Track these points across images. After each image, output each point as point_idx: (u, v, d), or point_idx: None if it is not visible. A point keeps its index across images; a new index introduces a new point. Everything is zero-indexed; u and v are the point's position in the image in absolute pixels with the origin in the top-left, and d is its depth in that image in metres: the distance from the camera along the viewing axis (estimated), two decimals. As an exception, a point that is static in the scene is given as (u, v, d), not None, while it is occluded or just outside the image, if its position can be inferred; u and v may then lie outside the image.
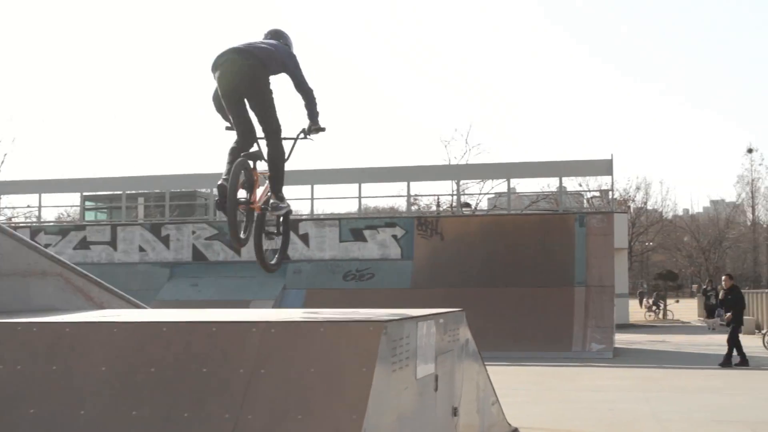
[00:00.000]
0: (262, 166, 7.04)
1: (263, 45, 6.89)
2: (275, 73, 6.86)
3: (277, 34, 7.16)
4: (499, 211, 37.92)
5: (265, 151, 6.92)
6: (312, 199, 28.09)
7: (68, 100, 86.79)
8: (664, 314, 43.46)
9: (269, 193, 7.13)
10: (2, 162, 46.47)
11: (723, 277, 20.33)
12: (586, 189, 53.42)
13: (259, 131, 6.88)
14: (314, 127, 7.01)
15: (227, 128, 7.03)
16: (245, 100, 6.74)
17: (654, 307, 43.70)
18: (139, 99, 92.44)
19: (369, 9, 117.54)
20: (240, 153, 6.77)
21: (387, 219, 27.44)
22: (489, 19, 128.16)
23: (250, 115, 6.82)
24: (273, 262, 7.34)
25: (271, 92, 6.83)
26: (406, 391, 5.74)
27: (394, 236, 25.42)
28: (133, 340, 5.57)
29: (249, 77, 6.66)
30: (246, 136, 6.84)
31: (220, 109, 6.97)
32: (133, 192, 34.19)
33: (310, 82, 6.96)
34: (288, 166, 7.14)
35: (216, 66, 6.69)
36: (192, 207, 36.10)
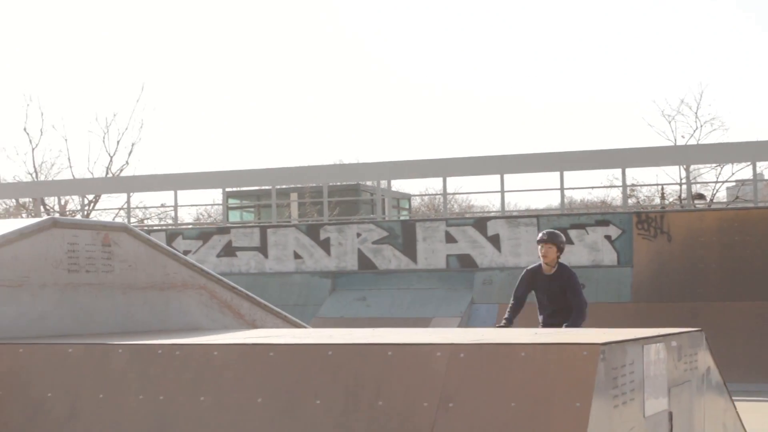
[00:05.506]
0: None
1: None
2: None
3: None
4: (743, 204, 36.76)
5: None
6: (502, 191, 27.98)
7: (206, 78, 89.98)
8: None
9: None
10: (130, 153, 48.67)
11: None
12: None
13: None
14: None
15: None
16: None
17: None
18: (288, 76, 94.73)
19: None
20: None
21: (598, 215, 26.93)
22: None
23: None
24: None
25: None
26: (631, 432, 5.64)
27: (608, 237, 24.99)
28: (294, 366, 5.70)
29: None
30: None
31: None
32: (285, 187, 34.94)
33: None
34: (472, 153, 7.41)
35: None
36: (356, 204, 36.65)
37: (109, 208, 43.93)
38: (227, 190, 32.89)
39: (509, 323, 11.67)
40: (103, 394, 5.92)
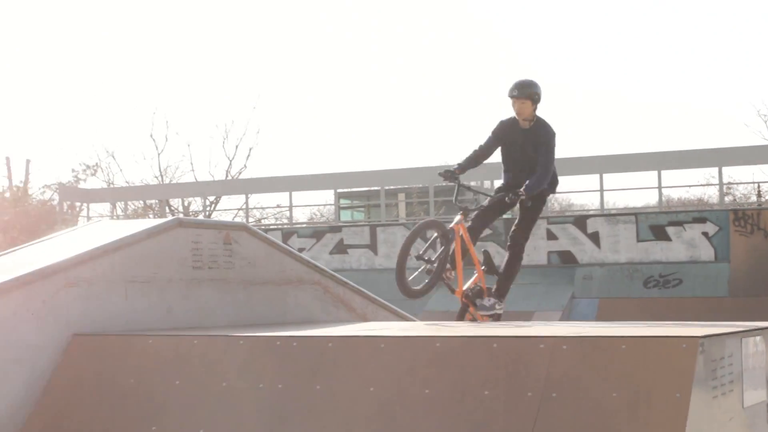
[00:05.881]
0: None
1: None
2: None
3: None
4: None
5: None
6: (602, 190, 27.68)
7: (318, 82, 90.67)
8: None
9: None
10: (248, 157, 49.25)
11: None
12: None
13: None
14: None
15: None
16: None
17: None
18: (396, 80, 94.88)
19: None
20: None
21: (695, 213, 26.49)
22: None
23: None
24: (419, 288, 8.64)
25: None
26: (731, 422, 5.53)
27: (705, 233, 24.55)
28: (404, 357, 5.72)
29: None
30: None
31: None
32: (393, 188, 35.04)
33: None
34: (572, 153, 7.60)
35: None
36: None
37: (228, 208, 44.43)
38: (339, 190, 33.09)
39: (461, 169, 9.16)
40: (226, 383, 6.02)
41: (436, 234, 8.64)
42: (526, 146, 9.07)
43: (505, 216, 10.10)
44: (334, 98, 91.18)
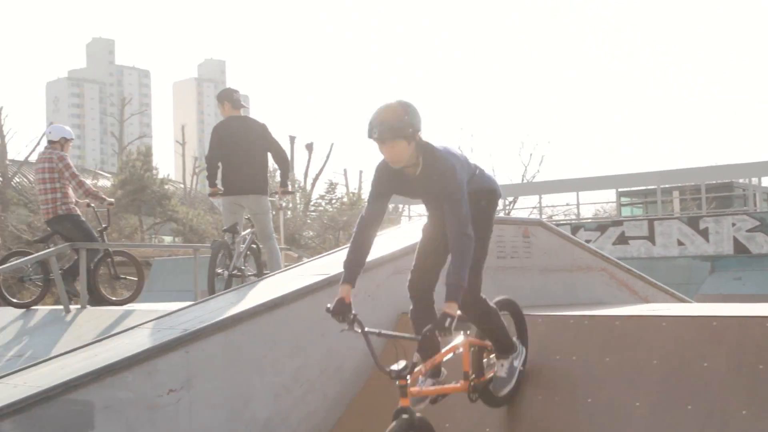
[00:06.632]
0: None
1: None
2: None
3: None
4: None
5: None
6: None
7: (600, 97, 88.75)
8: None
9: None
10: (540, 162, 49.15)
11: None
12: None
13: None
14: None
15: None
16: None
17: None
18: (659, 90, 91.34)
19: None
20: None
21: None
22: None
23: None
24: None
25: None
26: None
27: None
28: (683, 334, 5.53)
29: None
30: None
31: None
32: (668, 186, 33.99)
33: None
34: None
35: None
36: (729, 198, 34.91)
37: (525, 207, 44.50)
38: (620, 190, 32.73)
39: (347, 279, 5.22)
40: (530, 356, 6.04)
41: None
42: (429, 201, 5.31)
43: None
44: (612, 108, 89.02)
